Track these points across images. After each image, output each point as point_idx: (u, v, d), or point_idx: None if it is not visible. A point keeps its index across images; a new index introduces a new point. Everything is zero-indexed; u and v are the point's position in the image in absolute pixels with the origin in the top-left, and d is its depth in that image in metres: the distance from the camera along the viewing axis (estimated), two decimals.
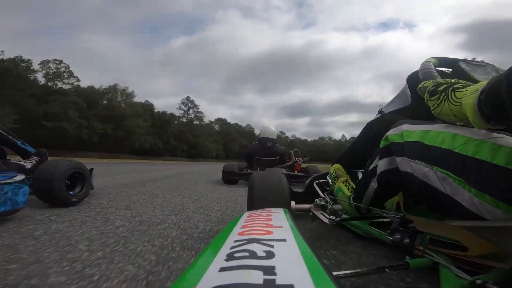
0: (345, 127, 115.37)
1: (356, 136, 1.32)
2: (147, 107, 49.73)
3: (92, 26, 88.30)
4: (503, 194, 0.45)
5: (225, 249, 0.37)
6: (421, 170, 0.61)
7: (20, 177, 1.32)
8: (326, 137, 79.67)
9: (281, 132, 73.54)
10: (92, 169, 2.06)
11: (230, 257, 0.33)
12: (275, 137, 4.43)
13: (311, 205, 1.24)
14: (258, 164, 4.22)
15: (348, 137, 77.59)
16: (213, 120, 69.15)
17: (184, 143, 51.80)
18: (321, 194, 1.30)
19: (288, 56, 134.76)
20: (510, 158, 0.44)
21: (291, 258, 0.33)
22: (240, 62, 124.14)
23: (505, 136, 0.48)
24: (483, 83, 0.49)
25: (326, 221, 1.03)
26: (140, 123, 42.25)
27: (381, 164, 0.78)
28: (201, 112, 62.43)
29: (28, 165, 1.73)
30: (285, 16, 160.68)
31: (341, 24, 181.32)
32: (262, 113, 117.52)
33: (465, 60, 0.86)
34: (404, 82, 1.02)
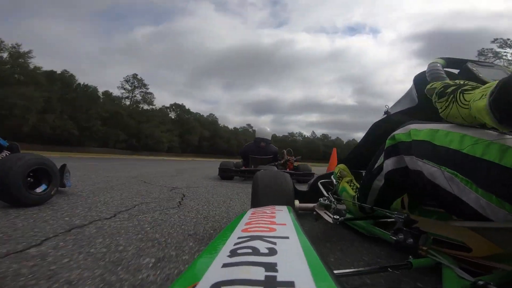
0: (306, 127, 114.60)
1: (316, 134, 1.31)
2: (62, 78, 33.50)
3: (49, 10, 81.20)
4: (510, 195, 0.45)
5: (229, 246, 0.37)
6: (428, 169, 0.61)
7: None
8: (296, 133, 77.19)
9: (248, 125, 69.26)
10: (64, 165, 1.92)
11: (233, 253, 0.34)
12: (269, 138, 4.77)
13: (315, 204, 1.24)
14: (252, 162, 4.59)
15: (318, 134, 76.13)
16: (167, 105, 53.53)
17: (120, 131, 37.87)
18: (325, 193, 1.30)
19: (257, 54, 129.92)
20: None
21: (293, 255, 0.34)
22: (207, 56, 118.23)
23: None
24: (491, 84, 0.49)
25: (330, 220, 1.03)
26: (31, 94, 26.10)
27: (387, 163, 0.77)
28: (150, 93, 47.51)
29: None
30: (259, 13, 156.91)
31: (312, 25, 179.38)
32: (227, 108, 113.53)
33: (473, 61, 0.85)
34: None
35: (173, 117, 51.70)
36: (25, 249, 0.87)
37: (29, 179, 1.52)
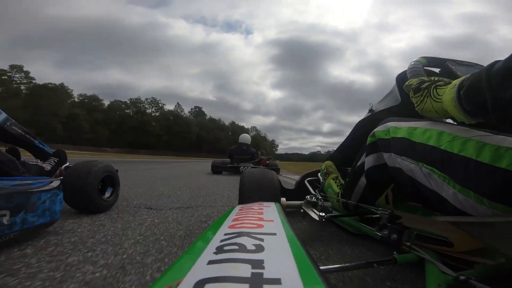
0: None
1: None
2: None
3: None
4: (487, 191, 0.46)
5: (215, 242, 0.36)
6: (407, 166, 0.62)
7: (56, 182, 1.11)
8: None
9: None
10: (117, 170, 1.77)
11: (219, 250, 0.33)
12: (249, 142, 6.61)
13: (302, 202, 1.24)
14: (236, 161, 6.23)
15: None
16: None
17: None
18: (312, 191, 1.31)
19: (117, 31, 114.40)
20: (494, 156, 0.45)
21: (280, 252, 0.33)
22: (42, 23, 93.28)
23: (490, 134, 0.49)
24: (460, 79, 0.51)
25: (316, 217, 1.03)
26: None
27: (368, 160, 0.79)
28: None
29: (47, 166, 1.51)
30: None
31: (193, 13, 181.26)
32: None
33: (453, 60, 0.87)
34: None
35: None
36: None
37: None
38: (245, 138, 6.64)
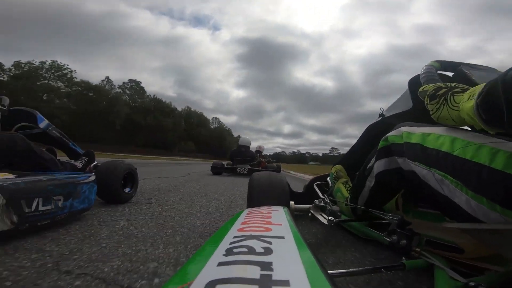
0: None
1: None
2: None
3: None
4: (500, 197, 0.46)
5: (224, 245, 0.37)
6: (420, 171, 0.62)
7: (93, 177, 1.42)
8: None
9: None
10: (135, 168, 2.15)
11: (229, 252, 0.34)
12: (249, 145, 6.84)
13: (311, 205, 1.24)
14: (237, 162, 6.40)
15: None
16: None
17: None
18: (320, 195, 1.31)
19: (70, 17, 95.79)
20: (508, 162, 0.45)
21: (288, 255, 0.34)
22: None
23: (504, 141, 0.48)
24: (479, 86, 0.50)
25: (325, 222, 1.03)
26: None
27: (379, 164, 0.78)
28: None
29: (79, 164, 1.75)
30: None
31: (160, 5, 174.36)
32: None
33: (467, 64, 0.86)
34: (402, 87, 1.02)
35: None
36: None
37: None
38: (245, 140, 6.87)
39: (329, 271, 0.39)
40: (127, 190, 1.83)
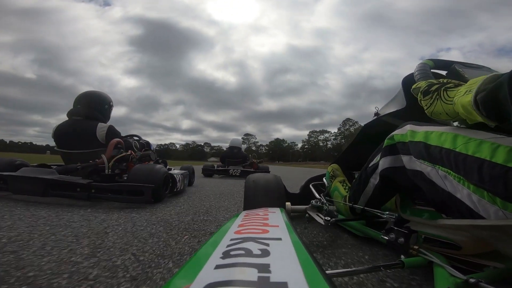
0: None
1: None
2: None
3: None
4: (500, 190, 0.47)
5: (221, 247, 0.37)
6: (425, 169, 0.63)
7: (186, 173, 3.04)
8: None
9: None
10: (193, 169, 3.63)
11: (226, 255, 0.34)
12: (240, 146, 6.76)
13: (307, 206, 1.24)
14: (228, 164, 6.36)
15: None
16: None
17: None
18: (317, 195, 1.31)
19: None
20: (508, 156, 0.46)
21: (286, 256, 0.34)
22: None
23: (505, 136, 0.49)
24: (475, 81, 0.51)
25: (322, 222, 1.03)
26: None
27: (384, 162, 0.80)
28: None
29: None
30: None
31: None
32: None
33: (460, 63, 0.87)
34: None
35: None
36: None
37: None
38: (236, 142, 6.81)
39: (327, 272, 0.39)
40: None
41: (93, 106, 2.40)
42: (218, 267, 0.30)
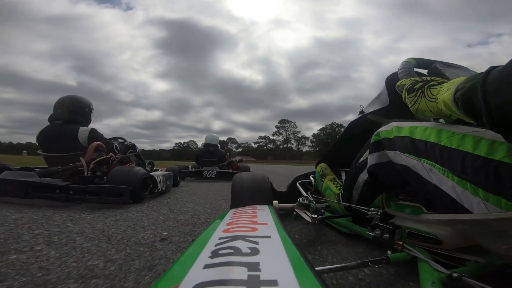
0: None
1: None
2: None
3: None
4: (482, 181, 0.49)
5: (210, 247, 0.36)
6: (410, 162, 0.65)
7: (170, 174, 2.98)
8: None
9: None
10: (178, 170, 3.66)
11: (214, 254, 0.33)
12: (217, 143, 5.64)
13: (295, 204, 1.25)
14: (203, 164, 5.36)
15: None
16: None
17: None
18: (304, 193, 1.32)
19: None
20: (489, 149, 0.48)
21: (275, 254, 0.34)
22: None
23: (486, 130, 0.51)
24: (457, 80, 0.53)
25: (309, 219, 1.04)
26: None
27: (371, 158, 0.82)
28: None
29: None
30: None
31: None
32: None
33: (441, 62, 0.90)
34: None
35: None
36: None
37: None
38: (212, 138, 5.67)
39: (316, 268, 0.39)
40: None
41: (73, 110, 2.46)
42: (207, 266, 0.29)
